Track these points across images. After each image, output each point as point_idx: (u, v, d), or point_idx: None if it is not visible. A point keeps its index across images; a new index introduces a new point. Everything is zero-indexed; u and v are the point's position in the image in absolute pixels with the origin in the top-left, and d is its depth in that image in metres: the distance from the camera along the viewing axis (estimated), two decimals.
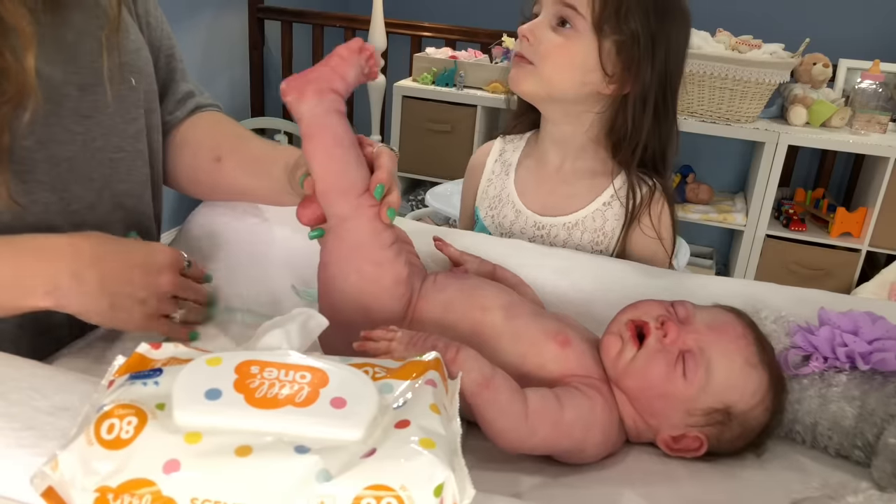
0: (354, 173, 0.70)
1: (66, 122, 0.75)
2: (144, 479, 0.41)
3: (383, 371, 0.53)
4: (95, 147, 0.78)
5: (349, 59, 0.72)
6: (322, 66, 0.72)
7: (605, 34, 0.94)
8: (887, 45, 2.98)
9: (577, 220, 1.04)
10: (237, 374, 0.47)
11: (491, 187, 1.13)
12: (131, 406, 0.44)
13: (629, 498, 0.65)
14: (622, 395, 0.71)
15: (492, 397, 0.63)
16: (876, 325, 0.75)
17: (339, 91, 0.71)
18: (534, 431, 0.64)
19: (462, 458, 0.46)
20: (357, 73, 0.72)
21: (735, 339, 0.70)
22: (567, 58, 0.96)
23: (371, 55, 0.74)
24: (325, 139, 0.70)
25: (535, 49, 0.97)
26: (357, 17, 3.15)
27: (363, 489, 0.41)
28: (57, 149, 0.74)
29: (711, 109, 2.51)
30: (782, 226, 2.71)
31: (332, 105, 0.70)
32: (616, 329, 0.72)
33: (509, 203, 1.10)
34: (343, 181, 0.70)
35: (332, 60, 0.72)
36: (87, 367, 0.74)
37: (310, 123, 0.70)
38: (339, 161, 0.70)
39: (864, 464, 0.72)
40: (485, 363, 0.65)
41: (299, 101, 0.70)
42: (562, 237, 1.05)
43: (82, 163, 0.77)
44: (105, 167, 0.80)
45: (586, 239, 1.04)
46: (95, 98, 0.77)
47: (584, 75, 0.96)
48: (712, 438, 0.69)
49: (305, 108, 0.70)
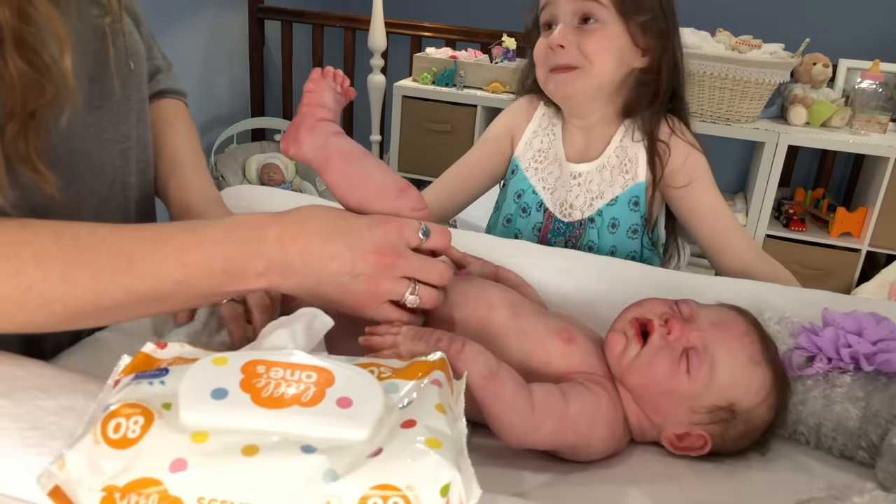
0: (379, 176, 0.69)
1: (80, 114, 0.72)
2: (151, 479, 0.41)
3: (389, 371, 0.53)
4: (107, 138, 0.77)
5: (318, 87, 0.73)
6: (300, 109, 0.73)
7: (630, 16, 1.04)
8: (887, 45, 2.98)
9: (604, 162, 1.15)
10: (243, 374, 0.47)
11: (536, 140, 1.22)
12: (138, 405, 0.44)
13: (634, 497, 0.65)
14: (626, 393, 0.71)
15: (497, 390, 0.63)
16: (880, 325, 0.75)
17: (327, 118, 0.72)
18: (539, 425, 0.64)
19: (468, 458, 0.45)
20: (332, 95, 0.73)
21: (739, 336, 0.70)
22: (610, 48, 1.05)
23: (335, 74, 0.74)
24: (334, 163, 0.70)
25: (576, 53, 1.05)
26: (357, 17, 3.15)
27: (369, 489, 0.41)
28: (75, 142, 0.72)
29: (711, 109, 2.51)
30: (782, 226, 2.71)
31: (326, 132, 0.71)
32: (620, 326, 0.72)
33: (556, 161, 1.19)
34: (369, 187, 0.68)
35: (305, 98, 0.73)
36: (91, 366, 0.74)
37: (315, 157, 0.70)
38: (357, 173, 0.69)
39: (869, 465, 0.72)
40: (490, 357, 0.65)
41: (298, 146, 0.71)
42: (596, 181, 1.15)
43: (96, 155, 0.75)
44: (116, 158, 0.79)
45: (616, 173, 1.14)
46: (102, 87, 0.75)
47: (622, 57, 1.07)
48: (716, 436, 0.69)
49: (307, 149, 0.70)
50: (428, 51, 2.96)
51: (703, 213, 1.13)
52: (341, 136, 0.71)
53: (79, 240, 0.58)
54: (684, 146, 1.13)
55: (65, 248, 0.57)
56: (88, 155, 0.74)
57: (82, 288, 0.57)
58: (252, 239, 0.62)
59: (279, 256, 0.61)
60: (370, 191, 0.68)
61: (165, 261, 0.59)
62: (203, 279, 0.60)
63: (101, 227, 0.60)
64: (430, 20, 3.13)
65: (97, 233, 0.59)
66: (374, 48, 3.00)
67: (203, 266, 0.60)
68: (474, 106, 2.77)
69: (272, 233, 0.62)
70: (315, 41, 3.24)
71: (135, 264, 0.58)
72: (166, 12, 2.61)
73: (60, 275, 0.56)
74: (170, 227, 0.63)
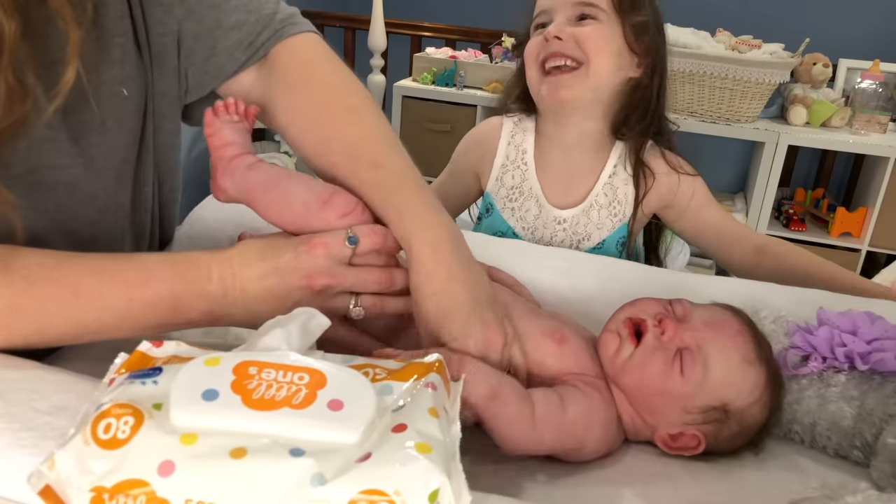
0: (301, 195, 0.68)
1: (61, 145, 0.69)
2: (139, 480, 0.41)
3: (384, 373, 0.53)
4: (98, 168, 0.73)
5: (214, 128, 0.71)
6: (212, 154, 0.71)
7: (627, 18, 1.02)
8: (887, 45, 2.98)
9: (591, 201, 1.10)
10: (235, 375, 0.47)
11: (507, 176, 1.14)
12: (128, 406, 0.44)
13: (628, 498, 0.65)
14: (620, 393, 0.71)
15: (500, 409, 0.62)
16: (875, 325, 0.75)
17: (237, 153, 0.70)
18: (540, 437, 0.64)
19: (460, 462, 0.45)
20: (232, 128, 0.71)
21: (732, 336, 0.70)
22: (608, 45, 1.03)
23: (226, 106, 0.71)
24: (256, 196, 0.69)
25: (574, 46, 1.01)
26: (357, 17, 3.15)
27: (357, 493, 0.41)
28: (50, 173, 0.69)
29: (711, 109, 2.50)
30: (782, 226, 2.71)
31: (240, 168, 0.69)
32: (614, 326, 0.72)
33: (532, 197, 1.12)
34: (294, 209, 0.68)
35: (209, 142, 0.71)
36: (88, 367, 0.74)
37: (240, 196, 0.70)
38: (279, 198, 0.68)
39: (863, 464, 0.72)
40: (491, 374, 0.64)
41: (223, 192, 0.70)
42: (583, 223, 1.10)
43: (86, 184, 0.72)
44: (111, 183, 0.76)
45: (604, 214, 1.10)
46: (80, 118, 0.71)
47: (619, 60, 1.04)
48: (710, 436, 0.69)
49: (231, 191, 0.70)
50: (428, 51, 2.96)
51: (706, 231, 1.12)
52: (255, 168, 0.70)
53: (27, 270, 0.59)
54: (673, 175, 1.11)
55: (13, 278, 0.58)
56: (75, 185, 0.72)
57: (29, 317, 0.59)
58: (196, 279, 0.63)
59: (222, 296, 0.64)
60: (296, 212, 0.68)
61: (111, 295, 0.61)
62: (149, 315, 0.62)
63: (51, 257, 0.61)
64: (430, 20, 3.13)
65: (46, 263, 0.60)
66: (374, 48, 3.00)
67: (149, 303, 0.62)
68: (474, 106, 2.77)
69: (215, 274, 0.64)
70: None
71: (81, 296, 0.60)
72: None
73: (7, 303, 0.57)
74: (119, 259, 0.64)
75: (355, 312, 0.67)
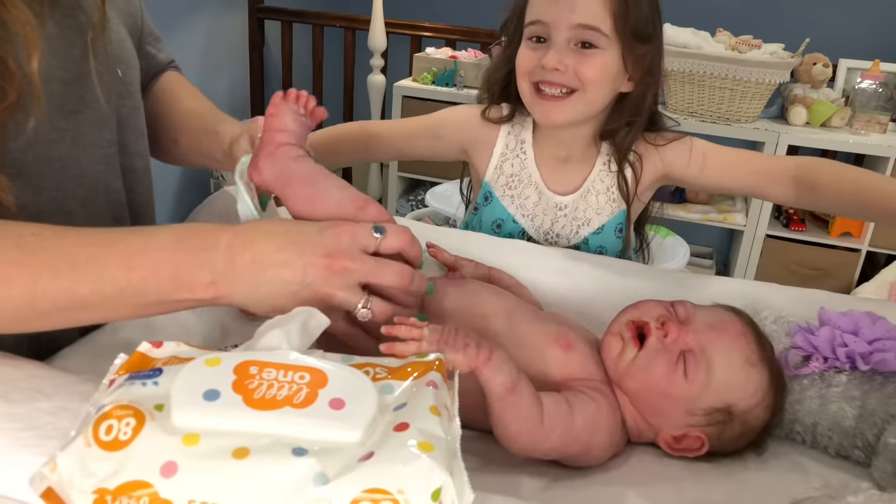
0: (337, 195, 0.68)
1: (53, 119, 0.70)
2: (142, 482, 0.41)
3: (384, 371, 0.53)
4: (85, 143, 0.74)
5: (278, 111, 0.72)
6: (262, 135, 0.72)
7: (629, 45, 1.00)
8: (887, 45, 2.98)
9: (589, 186, 1.11)
10: (236, 375, 0.47)
11: (507, 164, 1.14)
12: (130, 407, 0.44)
13: (631, 499, 0.65)
14: (623, 396, 0.71)
15: (515, 401, 0.63)
16: (876, 325, 0.75)
17: (289, 142, 0.70)
18: (547, 436, 0.64)
19: (461, 461, 0.45)
20: (294, 118, 0.72)
21: (735, 337, 0.70)
22: (608, 74, 1.01)
23: (298, 96, 0.73)
24: (293, 187, 0.69)
25: (572, 76, 0.99)
26: (357, 17, 3.15)
27: (360, 492, 0.40)
28: (47, 148, 0.70)
29: (711, 109, 2.50)
30: (782, 226, 2.71)
31: (286, 157, 0.70)
32: (617, 329, 0.72)
33: (531, 184, 1.12)
34: (328, 208, 0.67)
35: (265, 123, 0.72)
36: (88, 366, 0.74)
37: (275, 183, 0.69)
38: (315, 195, 0.68)
39: (865, 464, 0.72)
40: (513, 366, 0.63)
41: (259, 173, 0.70)
42: (582, 208, 1.11)
43: (73, 160, 0.73)
44: (98, 163, 0.77)
45: (602, 200, 1.10)
46: (81, 92, 0.73)
47: (614, 84, 1.03)
48: (713, 438, 0.69)
49: (266, 175, 0.69)
50: (428, 51, 2.96)
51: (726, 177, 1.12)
52: (301, 160, 0.70)
53: (22, 239, 0.57)
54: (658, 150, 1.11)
55: (6, 247, 0.56)
56: (64, 160, 0.72)
57: (18, 288, 0.55)
58: (203, 247, 0.60)
59: (229, 265, 0.60)
60: (330, 211, 0.67)
61: (110, 264, 0.58)
62: (148, 286, 0.59)
63: (48, 228, 0.58)
64: (430, 20, 3.13)
65: (42, 233, 0.58)
66: (374, 48, 3.00)
67: (149, 272, 0.58)
68: None
69: (224, 241, 0.61)
70: (315, 41, 3.24)
71: (78, 266, 0.57)
72: (166, 12, 2.61)
73: None
74: (119, 230, 0.61)
75: (362, 314, 0.64)
